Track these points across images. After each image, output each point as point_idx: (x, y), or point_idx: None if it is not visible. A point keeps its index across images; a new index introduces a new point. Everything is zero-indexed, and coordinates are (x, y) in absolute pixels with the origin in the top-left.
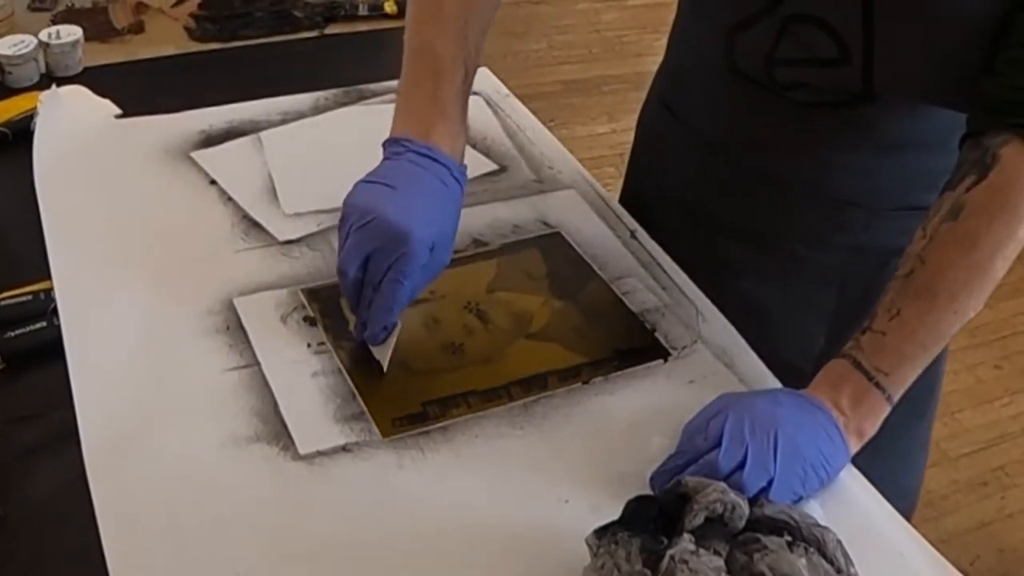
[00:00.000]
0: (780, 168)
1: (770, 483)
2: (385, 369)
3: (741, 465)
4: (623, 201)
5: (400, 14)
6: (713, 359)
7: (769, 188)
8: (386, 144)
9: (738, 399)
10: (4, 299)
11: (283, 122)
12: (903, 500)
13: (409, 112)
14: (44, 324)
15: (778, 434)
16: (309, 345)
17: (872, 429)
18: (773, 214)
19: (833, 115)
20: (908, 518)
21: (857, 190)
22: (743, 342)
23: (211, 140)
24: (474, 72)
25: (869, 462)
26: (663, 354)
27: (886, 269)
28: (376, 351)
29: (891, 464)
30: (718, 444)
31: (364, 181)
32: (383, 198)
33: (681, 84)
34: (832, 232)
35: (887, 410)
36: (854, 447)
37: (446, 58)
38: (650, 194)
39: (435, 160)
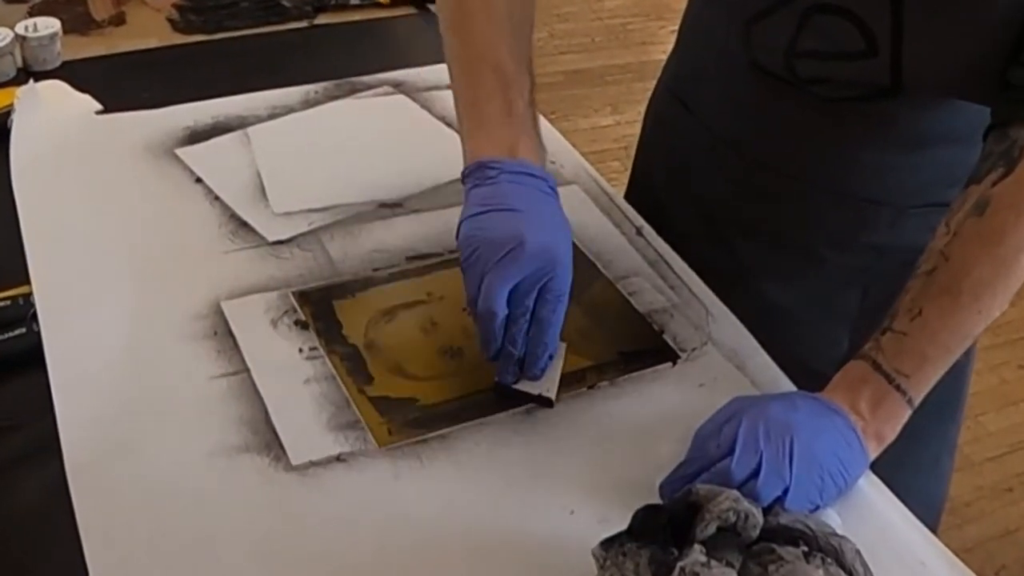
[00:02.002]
0: (800, 165)
1: (786, 491)
2: (555, 400)
3: (755, 473)
4: (629, 199)
5: (395, 2)
6: (724, 361)
7: (789, 186)
8: (471, 171)
9: (751, 403)
10: None
11: (272, 117)
12: (930, 510)
13: (486, 132)
14: (23, 330)
15: (794, 440)
16: (301, 350)
17: (892, 434)
18: (793, 214)
19: (856, 110)
20: (935, 529)
21: (881, 187)
22: (755, 343)
23: (196, 136)
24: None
25: (894, 472)
26: (672, 357)
27: (912, 269)
28: (533, 386)
29: (917, 473)
30: (731, 451)
31: (475, 214)
32: (515, 223)
33: (694, 77)
34: (856, 231)
35: (908, 414)
36: (873, 453)
37: (510, 67)
38: (660, 192)
39: (533, 176)
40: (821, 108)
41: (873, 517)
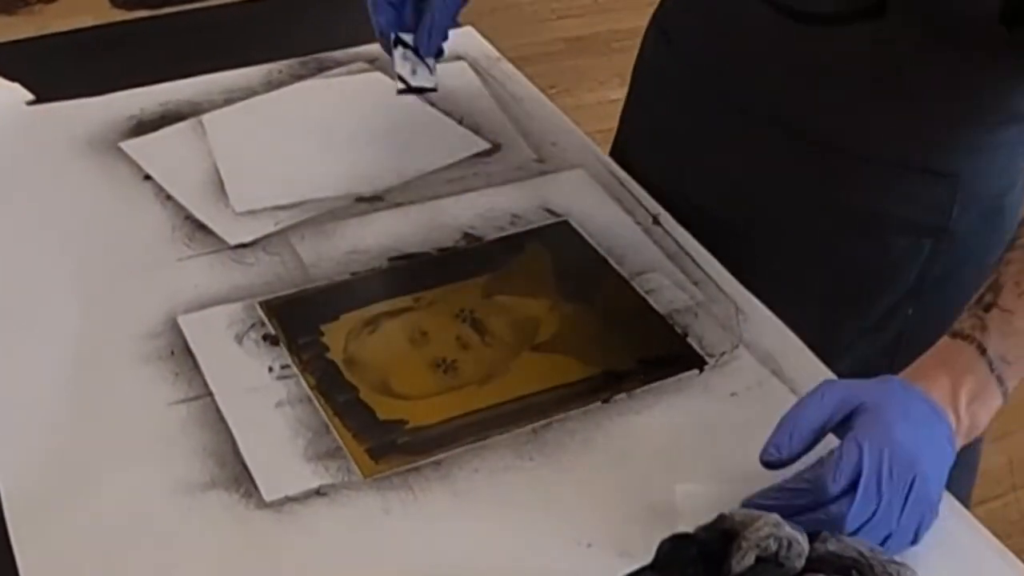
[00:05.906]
0: (804, 120)
1: (887, 537)
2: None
3: (867, 520)
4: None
5: None
6: (759, 366)
7: (771, 135)
8: None
9: (873, 418)
10: None
11: (229, 102)
12: (962, 478)
13: None
14: None
15: (915, 481)
16: (271, 369)
17: (977, 432)
18: (807, 181)
19: (848, 39)
20: (968, 497)
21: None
22: (798, 343)
23: (143, 127)
24: None
25: None
26: (698, 363)
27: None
28: (421, 79)
29: None
30: (849, 490)
31: None
32: None
33: (679, 5)
34: (881, 201)
35: (996, 409)
36: (953, 456)
37: None
38: (641, 158)
39: None
40: (808, 35)
41: (940, 537)
